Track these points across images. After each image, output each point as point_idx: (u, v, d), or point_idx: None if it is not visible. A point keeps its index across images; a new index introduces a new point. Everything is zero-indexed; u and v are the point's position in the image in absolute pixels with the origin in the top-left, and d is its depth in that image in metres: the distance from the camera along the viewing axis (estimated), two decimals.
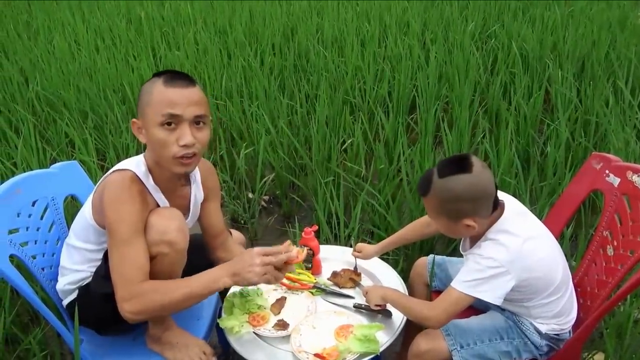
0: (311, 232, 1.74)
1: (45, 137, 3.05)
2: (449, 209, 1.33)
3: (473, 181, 1.29)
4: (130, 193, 1.34)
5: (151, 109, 1.31)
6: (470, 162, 1.31)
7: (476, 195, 1.30)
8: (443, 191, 1.31)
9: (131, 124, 1.40)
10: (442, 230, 1.44)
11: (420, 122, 2.95)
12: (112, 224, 1.32)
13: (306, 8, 5.44)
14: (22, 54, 4.02)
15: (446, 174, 1.31)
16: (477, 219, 1.33)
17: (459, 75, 3.39)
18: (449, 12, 5.19)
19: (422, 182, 1.37)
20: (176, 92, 1.31)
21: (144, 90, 1.37)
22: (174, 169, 1.36)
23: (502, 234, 1.33)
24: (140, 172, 1.40)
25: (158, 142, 1.32)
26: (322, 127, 2.78)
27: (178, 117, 1.31)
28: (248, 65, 3.78)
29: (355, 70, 3.67)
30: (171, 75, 1.36)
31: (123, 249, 1.30)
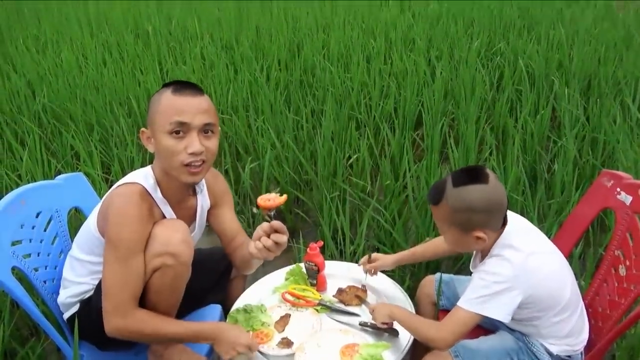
0: (316, 247, 1.71)
1: (51, 149, 3.05)
2: (461, 219, 1.31)
3: (488, 192, 1.28)
4: (138, 210, 1.33)
5: (160, 117, 1.32)
6: (486, 173, 1.30)
7: (490, 207, 1.29)
8: (457, 200, 1.29)
9: (140, 134, 1.41)
10: (449, 243, 1.42)
11: (427, 138, 2.93)
12: (114, 239, 1.31)
13: (312, 25, 5.48)
14: (30, 67, 4.05)
15: (461, 183, 1.29)
16: (488, 231, 1.31)
17: (465, 92, 3.39)
18: (454, 29, 5.22)
19: (433, 191, 1.35)
20: (185, 100, 1.32)
21: (153, 99, 1.37)
22: (183, 177, 1.36)
23: (507, 249, 1.31)
24: (148, 185, 1.40)
25: (166, 150, 1.32)
26: (328, 142, 2.77)
27: (186, 125, 1.31)
28: (254, 80, 3.79)
29: (360, 86, 3.67)
30: (180, 84, 1.37)
31: (119, 266, 1.30)
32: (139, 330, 1.30)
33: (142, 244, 1.32)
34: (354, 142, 2.89)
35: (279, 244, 1.29)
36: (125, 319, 1.29)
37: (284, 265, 1.83)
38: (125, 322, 1.29)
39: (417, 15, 5.87)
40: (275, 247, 1.29)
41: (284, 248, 1.31)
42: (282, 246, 1.30)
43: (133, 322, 1.29)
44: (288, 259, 2.35)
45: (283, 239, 1.28)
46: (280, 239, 1.28)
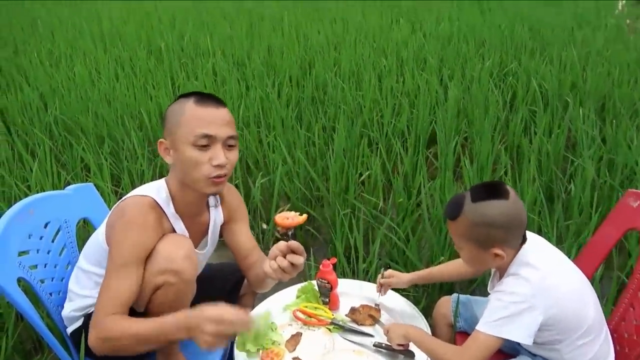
0: (329, 264, 1.67)
1: (61, 160, 3.04)
2: (479, 235, 1.27)
3: (508, 208, 1.24)
4: (144, 219, 1.30)
5: (183, 128, 1.29)
6: (506, 189, 1.26)
7: (510, 223, 1.25)
8: (476, 215, 1.26)
9: (158, 144, 1.38)
10: (466, 260, 1.38)
11: (440, 156, 2.89)
12: (114, 246, 1.29)
13: (324, 43, 5.50)
14: (43, 80, 4.07)
15: (480, 198, 1.26)
16: (507, 248, 1.27)
17: (478, 111, 3.36)
18: (465, 49, 5.22)
19: (451, 206, 1.32)
20: (209, 112, 1.30)
21: (174, 110, 1.34)
22: (205, 189, 1.33)
23: (524, 267, 1.27)
24: (161, 198, 1.37)
25: (190, 162, 1.29)
26: (340, 158, 2.74)
27: (212, 138, 1.29)
28: (265, 96, 3.78)
29: (372, 104, 3.65)
30: (201, 95, 1.34)
31: (114, 275, 1.26)
32: (109, 337, 1.21)
33: (141, 255, 1.28)
34: (366, 159, 2.85)
35: (295, 266, 1.23)
36: (96, 328, 1.23)
37: (296, 283, 1.78)
38: (96, 332, 1.22)
39: (428, 36, 5.89)
40: (291, 269, 1.23)
41: (300, 270, 1.26)
42: (299, 268, 1.24)
43: (101, 329, 1.22)
44: (299, 276, 2.29)
45: (300, 260, 1.22)
46: (297, 260, 1.22)
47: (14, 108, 3.48)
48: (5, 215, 1.39)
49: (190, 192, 1.36)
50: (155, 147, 3.18)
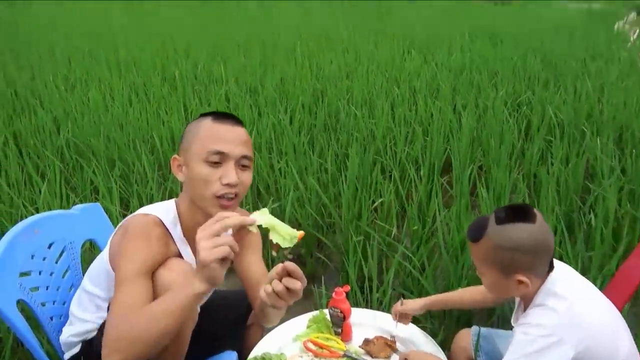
0: (343, 292, 1.59)
1: (71, 183, 3.01)
2: (503, 259, 1.20)
3: (535, 232, 1.17)
4: (148, 234, 1.25)
5: (197, 144, 1.26)
6: (533, 212, 1.19)
7: (537, 248, 1.18)
8: (501, 238, 1.19)
9: (171, 160, 1.33)
10: (487, 286, 1.30)
11: (455, 184, 2.83)
12: (119, 262, 1.23)
13: (336, 72, 5.53)
14: (57, 104, 4.10)
15: (506, 221, 1.19)
16: (532, 276, 1.20)
17: (493, 139, 3.31)
18: (478, 79, 5.22)
19: (474, 228, 1.25)
20: (225, 129, 1.26)
21: (191, 127, 1.32)
22: (212, 209, 1.25)
23: (551, 297, 1.20)
24: (168, 219, 1.31)
25: (200, 179, 1.24)
26: (353, 183, 2.68)
27: (225, 155, 1.24)
28: (278, 122, 3.77)
29: (385, 131, 3.62)
30: (220, 114, 1.32)
31: (121, 289, 1.18)
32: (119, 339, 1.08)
33: (147, 268, 1.21)
34: (380, 186, 2.79)
35: (292, 291, 1.05)
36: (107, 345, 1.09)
37: (305, 312, 1.71)
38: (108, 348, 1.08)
39: (441, 66, 5.90)
40: (287, 294, 1.06)
41: (298, 298, 1.08)
42: (295, 294, 1.06)
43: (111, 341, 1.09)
44: (309, 305, 2.22)
45: (296, 285, 1.05)
46: (293, 284, 1.05)
47: (26, 130, 3.49)
48: (8, 233, 1.35)
49: (199, 213, 1.29)
50: (165, 171, 3.15)
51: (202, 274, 1.03)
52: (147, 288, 1.20)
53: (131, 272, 1.19)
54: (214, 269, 1.01)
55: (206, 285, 1.04)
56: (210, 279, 1.03)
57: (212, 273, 1.02)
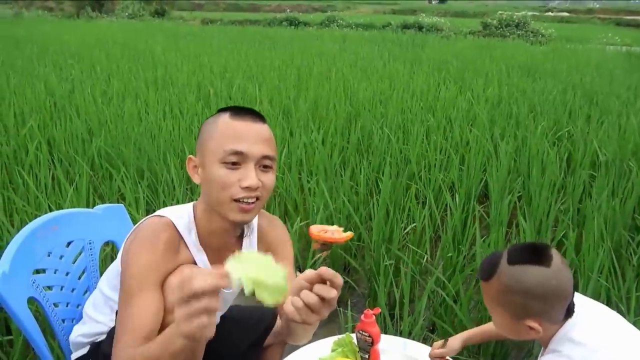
0: (372, 315, 1.47)
1: (99, 191, 2.99)
2: (513, 303, 1.09)
3: (549, 277, 1.05)
4: (155, 239, 1.13)
5: (213, 143, 1.13)
6: (549, 254, 1.07)
7: (549, 295, 1.06)
8: (510, 280, 1.08)
9: (187, 161, 1.21)
10: (497, 326, 1.18)
11: (493, 212, 2.69)
12: (123, 274, 1.12)
13: (370, 98, 5.48)
14: (92, 115, 4.14)
15: (518, 261, 1.08)
16: (544, 322, 1.08)
17: (534, 169, 3.16)
18: (516, 111, 5.09)
19: (485, 265, 1.14)
20: (244, 126, 1.13)
21: (207, 124, 1.19)
22: (231, 215, 1.13)
23: (566, 343, 1.08)
24: (182, 224, 1.19)
25: (216, 181, 1.11)
26: (385, 204, 2.57)
27: (243, 155, 1.11)
28: (310, 142, 3.71)
29: (419, 157, 3.52)
30: (239, 108, 1.18)
31: (127, 305, 1.08)
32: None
33: (154, 279, 1.11)
34: (413, 211, 2.67)
35: (327, 302, 0.85)
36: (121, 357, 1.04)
37: (329, 334, 1.59)
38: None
39: (477, 97, 5.80)
40: (321, 306, 0.85)
41: (332, 308, 0.87)
42: (330, 305, 0.86)
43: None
44: (333, 328, 2.09)
45: (332, 293, 0.84)
46: (328, 293, 0.84)
47: (61, 137, 3.51)
48: (26, 227, 1.29)
49: (216, 218, 1.17)
50: (193, 185, 3.11)
51: (184, 332, 0.80)
52: (153, 304, 1.09)
53: (136, 287, 1.08)
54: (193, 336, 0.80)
55: (191, 340, 0.83)
56: (194, 338, 0.81)
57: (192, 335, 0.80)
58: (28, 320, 1.18)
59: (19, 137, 3.50)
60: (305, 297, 0.85)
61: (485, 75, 7.67)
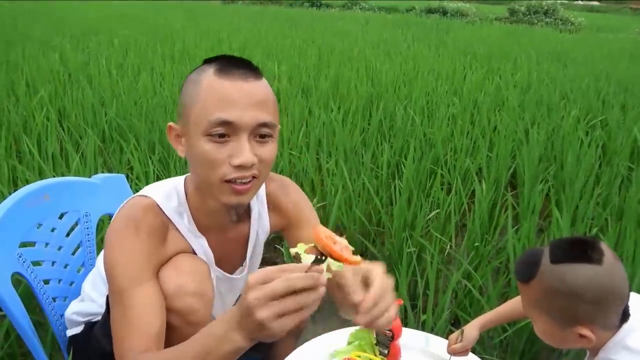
0: None
1: (108, 164, 2.88)
2: (558, 308, 0.93)
3: (601, 276, 0.89)
4: (135, 227, 0.95)
5: (196, 109, 0.90)
6: (600, 249, 0.90)
7: (602, 297, 0.90)
8: (555, 282, 0.92)
9: (167, 130, 0.99)
10: (540, 333, 1.02)
11: (522, 201, 2.51)
12: (109, 269, 0.94)
13: (393, 78, 5.28)
14: (106, 86, 4.03)
15: (563, 259, 0.92)
16: (597, 329, 0.92)
17: (570, 157, 2.95)
18: (547, 97, 4.85)
19: (523, 264, 0.98)
20: (232, 86, 0.89)
21: (189, 81, 0.95)
22: (223, 198, 0.93)
23: (621, 351, 0.93)
24: (169, 207, 1.00)
25: (202, 159, 0.90)
26: (409, 186, 2.41)
27: (232, 126, 0.89)
28: (329, 122, 3.54)
29: (444, 142, 3.33)
30: (227, 60, 0.93)
31: (120, 305, 0.92)
32: None
33: (147, 270, 0.94)
34: (436, 196, 2.50)
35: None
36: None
37: (345, 325, 1.45)
38: None
39: (505, 82, 5.56)
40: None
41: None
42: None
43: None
44: None
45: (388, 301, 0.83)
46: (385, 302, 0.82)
47: (71, 108, 3.40)
48: (14, 195, 1.16)
49: (209, 198, 0.98)
50: None
51: (254, 333, 0.74)
52: (154, 298, 0.93)
53: (127, 283, 0.91)
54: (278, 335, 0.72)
55: (253, 342, 0.77)
56: (267, 338, 0.74)
57: (272, 336, 0.73)
58: (11, 299, 1.05)
59: (30, 106, 3.40)
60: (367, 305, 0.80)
61: (513, 60, 7.40)
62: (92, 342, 1.09)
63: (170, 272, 0.97)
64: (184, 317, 0.96)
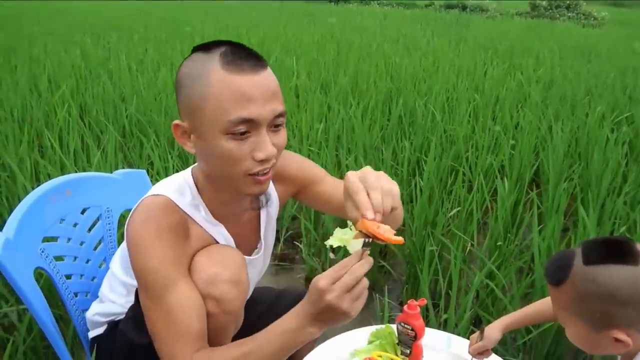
0: (417, 306, 1.29)
1: (128, 159, 2.89)
2: (592, 312, 0.89)
3: (637, 276, 0.85)
4: (157, 228, 0.94)
5: (210, 108, 0.88)
6: (635, 250, 0.86)
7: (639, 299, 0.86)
8: (588, 284, 0.87)
9: (173, 128, 0.97)
10: (572, 338, 0.97)
11: (546, 200, 2.45)
12: (140, 276, 0.94)
13: (412, 73, 5.22)
14: (126, 81, 4.05)
15: (597, 260, 0.87)
16: (634, 332, 0.87)
17: (594, 154, 2.88)
18: (570, 93, 4.74)
19: (554, 266, 0.94)
20: (246, 81, 0.88)
21: (189, 77, 0.91)
22: (246, 189, 0.95)
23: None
24: (185, 202, 0.99)
25: (224, 157, 0.90)
26: (430, 184, 2.37)
27: (254, 122, 0.89)
28: (348, 118, 3.51)
29: (466, 138, 3.28)
30: (230, 51, 0.90)
31: (156, 309, 0.92)
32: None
33: (180, 268, 0.94)
34: (459, 192, 2.46)
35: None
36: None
37: (363, 322, 1.43)
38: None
39: (527, 78, 5.46)
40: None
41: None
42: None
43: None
44: (368, 316, 1.93)
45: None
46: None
47: (92, 103, 3.43)
48: (37, 190, 1.16)
49: (224, 188, 1.00)
50: None
51: (334, 323, 0.87)
52: (191, 297, 0.93)
53: (162, 286, 0.91)
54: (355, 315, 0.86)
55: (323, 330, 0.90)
56: (339, 323, 0.87)
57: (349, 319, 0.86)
58: (33, 294, 1.05)
59: (52, 101, 3.44)
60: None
61: (535, 56, 7.27)
62: (117, 339, 1.09)
63: (205, 260, 0.97)
64: (219, 305, 0.95)
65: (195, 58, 0.92)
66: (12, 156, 2.43)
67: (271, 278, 2.32)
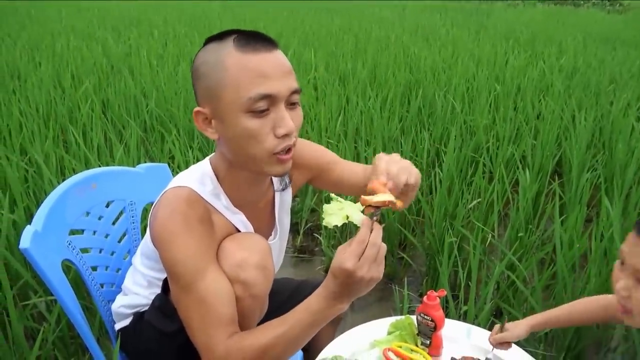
0: (436, 297, 1.30)
1: (150, 153, 2.94)
2: None
3: None
4: (185, 220, 0.96)
5: (230, 90, 0.90)
6: None
7: None
8: None
9: (194, 114, 0.98)
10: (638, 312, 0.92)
11: (571, 190, 2.42)
12: (170, 268, 0.95)
13: (432, 64, 5.17)
14: (147, 77, 4.10)
15: None
16: None
17: (619, 144, 2.83)
18: (594, 82, 4.65)
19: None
20: (262, 60, 0.90)
21: (206, 64, 0.93)
22: (271, 170, 0.96)
23: None
24: (207, 192, 1.01)
25: (248, 135, 0.92)
26: (451, 174, 2.36)
27: (272, 98, 0.91)
28: (367, 110, 3.51)
29: (486, 129, 3.25)
30: (243, 35, 0.92)
31: (188, 298, 0.94)
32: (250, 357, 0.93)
33: (208, 257, 0.96)
34: (479, 183, 2.45)
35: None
36: (226, 356, 0.92)
37: (382, 313, 1.43)
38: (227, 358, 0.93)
39: (550, 67, 5.36)
40: None
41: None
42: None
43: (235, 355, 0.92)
44: (387, 307, 1.94)
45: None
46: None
47: (114, 99, 3.48)
48: (64, 184, 1.19)
49: (242, 173, 1.02)
50: None
51: (357, 293, 0.90)
52: (220, 283, 0.95)
53: (192, 276, 0.93)
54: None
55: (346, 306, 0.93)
56: (369, 290, 0.91)
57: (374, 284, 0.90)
58: (62, 285, 1.09)
59: (75, 97, 3.50)
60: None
61: (558, 44, 7.13)
62: (143, 329, 1.12)
63: (234, 245, 0.99)
64: (247, 289, 0.97)
65: (209, 48, 0.94)
66: (38, 152, 2.49)
67: (291, 270, 2.35)
